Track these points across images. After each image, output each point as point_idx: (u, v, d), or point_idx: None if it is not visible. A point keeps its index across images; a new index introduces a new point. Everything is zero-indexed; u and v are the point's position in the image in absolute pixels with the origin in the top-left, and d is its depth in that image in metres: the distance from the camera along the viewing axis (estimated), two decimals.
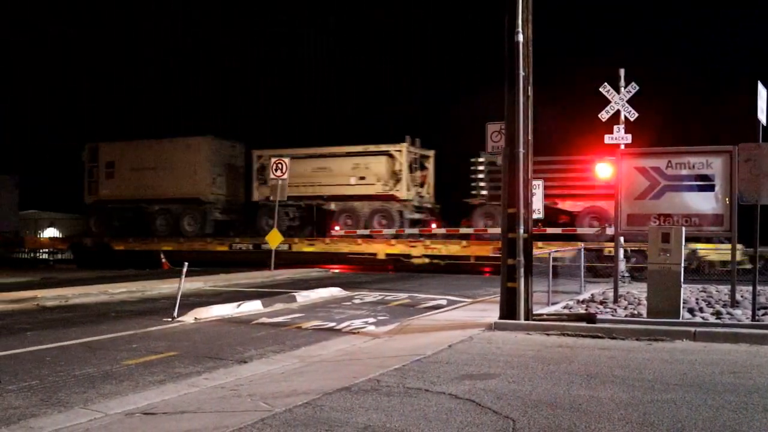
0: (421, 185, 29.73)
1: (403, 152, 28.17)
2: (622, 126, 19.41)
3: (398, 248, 27.73)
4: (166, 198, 31.63)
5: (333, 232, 29.55)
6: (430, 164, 30.05)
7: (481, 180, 26.80)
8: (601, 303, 13.23)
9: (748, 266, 18.25)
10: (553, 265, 13.83)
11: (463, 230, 27.75)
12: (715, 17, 47.28)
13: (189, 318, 13.17)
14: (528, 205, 11.18)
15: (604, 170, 20.49)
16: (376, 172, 28.27)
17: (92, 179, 33.38)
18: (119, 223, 33.24)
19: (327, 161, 29.34)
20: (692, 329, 9.96)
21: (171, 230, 31.89)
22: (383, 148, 28.61)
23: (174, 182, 31.26)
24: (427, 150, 29.78)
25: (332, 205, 29.60)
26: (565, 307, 12.69)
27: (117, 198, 32.72)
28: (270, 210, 29.99)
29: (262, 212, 30.46)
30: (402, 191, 28.15)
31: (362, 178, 28.56)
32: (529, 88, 11.19)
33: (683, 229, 11.24)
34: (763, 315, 10.97)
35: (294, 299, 16.22)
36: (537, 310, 11.48)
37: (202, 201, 31.26)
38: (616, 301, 13.24)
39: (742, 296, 13.07)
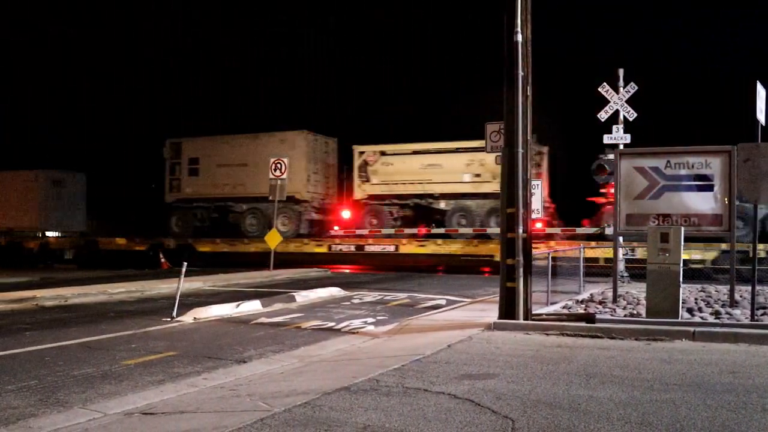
0: None
1: None
2: (621, 126, 19.45)
3: None
4: (256, 196, 29.67)
5: (332, 232, 29.40)
6: (545, 161, 27.81)
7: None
8: (600, 303, 13.24)
9: None
10: (552, 265, 13.82)
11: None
12: (715, 17, 47.36)
13: (188, 318, 13.17)
14: (527, 205, 11.19)
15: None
16: (492, 168, 26.11)
17: (174, 176, 31.71)
18: (200, 223, 31.71)
19: (438, 157, 27.84)
20: (691, 329, 9.96)
21: (262, 230, 29.43)
22: None
23: (267, 180, 28.53)
24: (542, 146, 27.42)
25: (442, 204, 28.26)
26: (564, 307, 12.69)
27: (201, 196, 31.22)
28: (374, 209, 28.74)
29: (365, 211, 29.19)
30: None
31: (477, 175, 27.18)
32: (528, 88, 11.20)
33: (682, 229, 11.25)
34: (762, 315, 10.98)
35: (293, 299, 16.22)
36: (536, 310, 11.48)
37: (298, 200, 29.55)
38: (615, 301, 13.25)
39: (741, 296, 13.08)
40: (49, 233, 35.75)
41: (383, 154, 29.05)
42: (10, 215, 34.78)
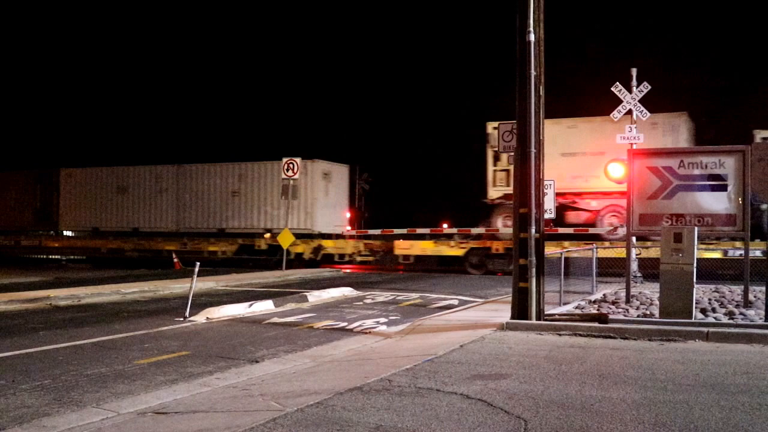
0: None
1: None
2: (634, 126, 19.37)
3: None
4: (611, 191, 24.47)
5: (345, 232, 29.24)
6: None
7: None
8: (613, 303, 13.18)
9: None
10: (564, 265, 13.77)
11: (473, 230, 26.77)
12: (715, 17, 47.08)
13: (201, 318, 13.22)
14: (540, 204, 11.16)
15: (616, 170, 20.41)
16: None
17: (499, 168, 26.80)
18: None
19: None
20: (705, 329, 9.91)
21: (622, 231, 24.51)
22: None
23: None
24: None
25: None
26: (576, 308, 12.65)
27: None
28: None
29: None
30: None
31: None
32: (541, 87, 11.16)
33: (696, 229, 11.19)
34: None
35: (305, 299, 16.25)
36: (549, 310, 11.45)
37: None
38: (628, 301, 13.18)
39: (755, 296, 12.99)
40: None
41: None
42: (266, 212, 29.57)
